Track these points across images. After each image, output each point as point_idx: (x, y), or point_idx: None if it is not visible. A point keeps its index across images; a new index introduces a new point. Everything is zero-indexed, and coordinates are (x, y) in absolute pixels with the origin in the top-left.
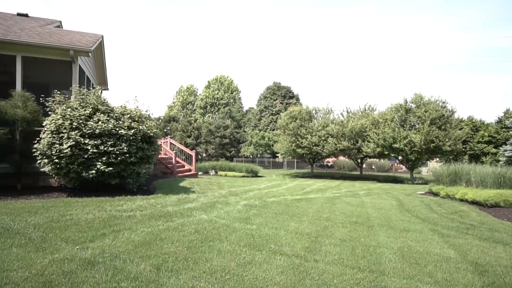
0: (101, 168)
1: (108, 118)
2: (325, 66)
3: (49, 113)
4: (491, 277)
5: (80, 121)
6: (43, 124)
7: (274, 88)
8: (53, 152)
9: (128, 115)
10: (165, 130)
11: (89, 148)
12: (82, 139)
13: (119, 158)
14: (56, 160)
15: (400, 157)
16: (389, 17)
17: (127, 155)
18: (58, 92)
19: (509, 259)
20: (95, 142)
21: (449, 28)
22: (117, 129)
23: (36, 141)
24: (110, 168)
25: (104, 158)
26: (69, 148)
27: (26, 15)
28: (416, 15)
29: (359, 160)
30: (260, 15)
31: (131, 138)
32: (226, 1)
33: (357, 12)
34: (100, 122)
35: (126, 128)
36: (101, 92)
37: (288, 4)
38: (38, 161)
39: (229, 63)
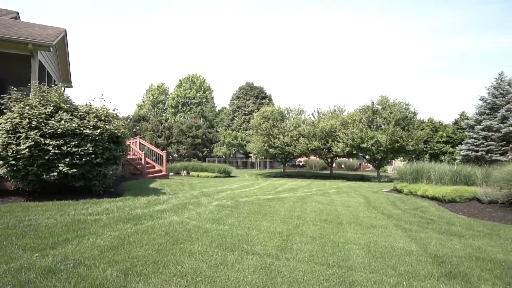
0: (63, 169)
1: (71, 117)
2: (297, 68)
3: (5, 111)
4: (448, 267)
5: (40, 120)
6: None
7: (247, 88)
8: (9, 153)
9: (94, 114)
10: (134, 130)
11: (50, 148)
12: (42, 139)
13: (83, 159)
14: (13, 162)
15: (367, 156)
16: (357, 22)
17: (93, 156)
18: (15, 89)
19: (463, 250)
20: (57, 142)
21: (411, 34)
22: (82, 128)
23: None
24: (74, 170)
25: (67, 159)
26: (27, 149)
27: None
28: (381, 21)
29: (329, 160)
30: (232, 15)
31: (97, 138)
32: (198, 0)
33: (327, 17)
34: (62, 121)
35: (91, 127)
36: (64, 89)
37: (260, 6)
38: None
39: (202, 62)
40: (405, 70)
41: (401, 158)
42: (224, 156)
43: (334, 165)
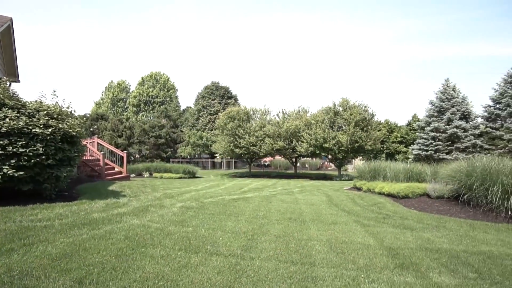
0: (9, 172)
1: (18, 115)
2: (262, 69)
3: None
4: (401, 258)
5: None
6: None
7: (213, 87)
8: None
9: (45, 112)
10: (91, 129)
11: None
12: None
13: (32, 161)
14: None
15: (329, 156)
16: (320, 25)
17: (44, 157)
18: None
19: (414, 242)
20: (1, 142)
21: (372, 39)
22: (31, 127)
23: None
24: (21, 172)
25: (13, 161)
26: None
27: None
28: (346, 24)
29: (293, 159)
30: (197, 14)
31: (49, 137)
32: None
33: (292, 19)
34: (7, 119)
35: (42, 126)
36: (10, 84)
37: (225, 6)
38: None
39: (165, 60)
40: (365, 73)
41: (361, 157)
42: (189, 157)
43: (298, 164)
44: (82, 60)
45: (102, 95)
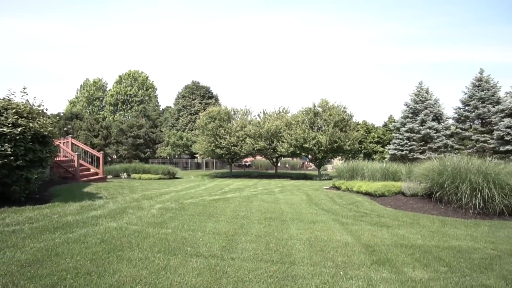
0: None
1: None
2: (243, 69)
3: None
4: (378, 255)
5: None
6: None
7: (193, 87)
8: None
9: (14, 110)
10: (65, 129)
11: None
12: None
13: (0, 162)
14: None
15: (310, 156)
16: (301, 27)
17: (12, 157)
18: None
19: (390, 239)
20: None
21: (350, 42)
22: None
23: None
24: None
25: None
26: None
27: None
28: (327, 25)
29: (274, 159)
30: (178, 13)
31: (18, 137)
32: None
33: (272, 20)
34: None
35: (10, 125)
36: None
37: (206, 6)
38: None
39: (144, 58)
40: (344, 75)
41: (339, 157)
42: (168, 157)
43: (279, 164)
44: (56, 57)
45: (77, 93)
